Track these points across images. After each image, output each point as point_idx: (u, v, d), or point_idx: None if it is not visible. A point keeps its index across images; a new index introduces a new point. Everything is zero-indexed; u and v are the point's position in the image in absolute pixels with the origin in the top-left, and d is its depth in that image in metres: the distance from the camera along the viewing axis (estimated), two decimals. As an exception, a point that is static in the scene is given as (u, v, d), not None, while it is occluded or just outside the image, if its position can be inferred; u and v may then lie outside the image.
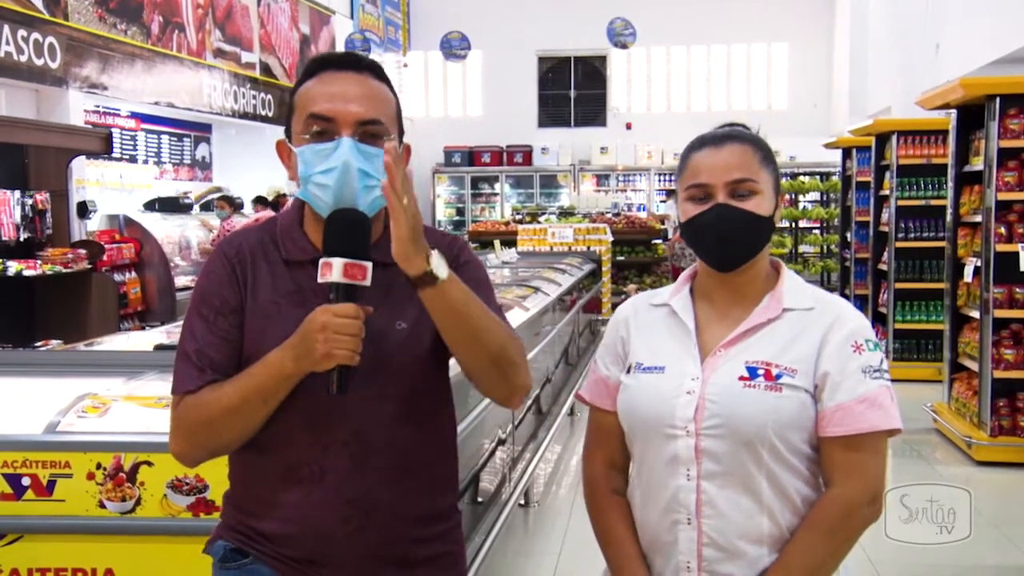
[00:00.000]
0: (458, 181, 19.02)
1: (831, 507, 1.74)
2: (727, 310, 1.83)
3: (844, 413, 1.73)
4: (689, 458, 1.75)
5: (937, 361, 8.14)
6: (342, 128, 1.71)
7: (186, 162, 13.15)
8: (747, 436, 1.72)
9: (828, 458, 1.75)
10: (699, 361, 1.79)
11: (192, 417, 1.72)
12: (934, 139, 8.82)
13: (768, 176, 1.81)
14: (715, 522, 1.74)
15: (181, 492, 2.58)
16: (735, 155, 1.79)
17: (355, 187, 1.69)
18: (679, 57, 18.98)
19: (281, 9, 13.86)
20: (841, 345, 1.76)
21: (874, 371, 1.76)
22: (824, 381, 1.74)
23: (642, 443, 1.83)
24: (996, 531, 5.09)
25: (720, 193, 1.78)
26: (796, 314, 1.80)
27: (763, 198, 1.79)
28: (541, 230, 11.57)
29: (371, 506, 1.74)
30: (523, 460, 5.08)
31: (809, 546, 1.74)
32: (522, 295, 5.88)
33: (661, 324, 1.88)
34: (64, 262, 7.79)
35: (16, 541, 2.64)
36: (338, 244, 1.65)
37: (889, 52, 13.85)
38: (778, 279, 1.85)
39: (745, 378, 1.74)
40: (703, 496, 1.74)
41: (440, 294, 1.63)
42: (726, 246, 1.79)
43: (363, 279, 1.64)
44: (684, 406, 1.76)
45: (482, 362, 1.74)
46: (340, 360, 1.61)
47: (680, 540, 1.77)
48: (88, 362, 3.46)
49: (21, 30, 8.18)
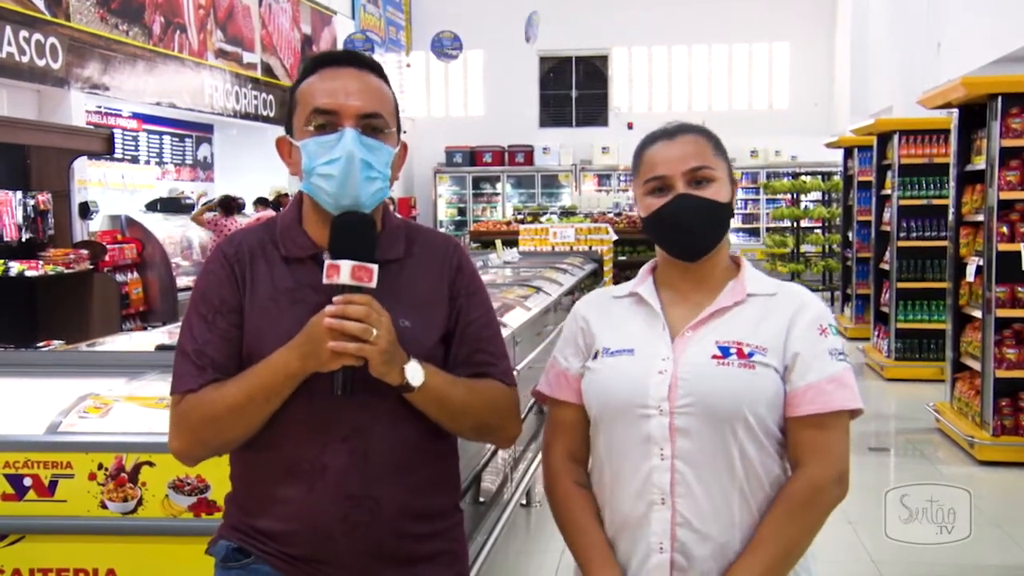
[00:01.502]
0: (460, 181, 19.03)
1: (802, 486, 1.76)
2: (690, 296, 1.86)
3: (816, 392, 1.76)
4: (663, 437, 1.76)
5: (939, 360, 8.13)
6: (344, 120, 1.73)
7: (188, 162, 13.15)
8: (722, 414, 1.74)
9: (796, 437, 1.78)
10: (669, 342, 1.81)
11: (195, 415, 1.73)
12: (936, 138, 8.82)
13: (722, 164, 1.85)
14: (688, 501, 1.75)
15: (183, 492, 2.58)
16: (689, 145, 1.83)
17: (358, 177, 1.71)
18: (680, 56, 19.00)
19: (282, 9, 13.86)
20: (808, 328, 1.79)
21: (839, 353, 1.80)
22: (794, 361, 1.77)
23: (612, 427, 1.83)
24: (998, 531, 5.08)
25: (679, 183, 1.81)
26: (760, 299, 1.84)
27: (720, 185, 1.83)
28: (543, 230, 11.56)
29: (371, 503, 1.74)
30: (525, 460, 5.08)
31: (781, 526, 1.75)
32: (524, 295, 5.88)
33: (626, 311, 1.90)
34: (66, 262, 7.79)
35: (18, 542, 2.64)
36: (345, 246, 1.67)
37: (890, 51, 13.84)
38: (739, 270, 1.89)
39: (718, 356, 1.76)
40: (677, 476, 1.75)
41: (421, 395, 1.71)
42: (691, 235, 1.82)
43: (369, 281, 1.66)
44: (657, 385, 1.77)
45: (465, 433, 1.88)
46: (347, 361, 1.63)
47: (653, 521, 1.77)
48: (90, 362, 3.46)
49: (23, 31, 8.19)
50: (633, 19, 18.18)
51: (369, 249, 1.69)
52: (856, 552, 4.67)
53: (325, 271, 1.66)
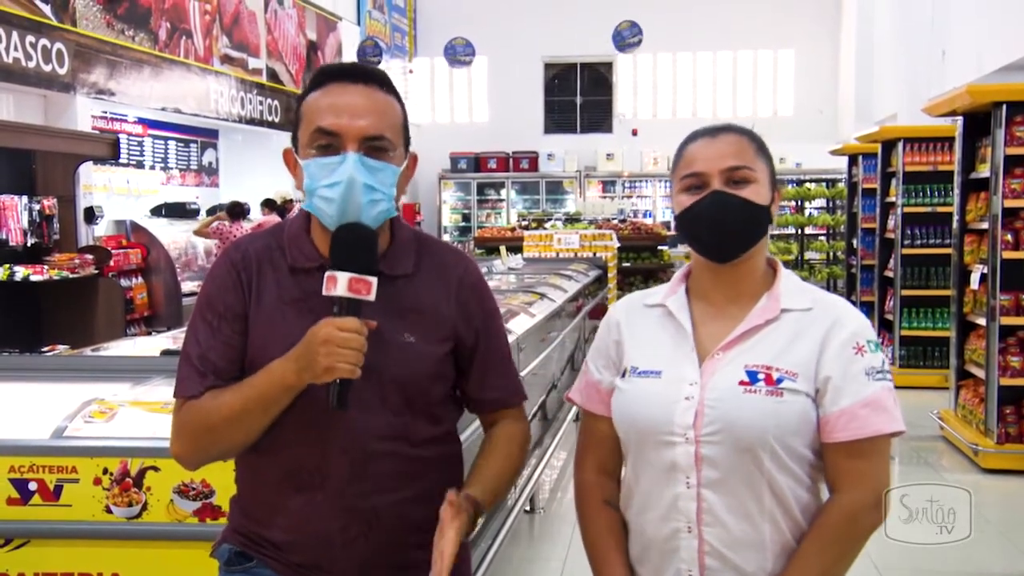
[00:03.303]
0: (464, 187, 19.03)
1: (837, 514, 1.71)
2: (724, 308, 1.79)
3: (848, 418, 1.69)
4: (688, 465, 1.71)
5: (943, 368, 8.12)
6: (347, 143, 1.71)
7: (193, 168, 13.17)
8: (748, 442, 1.68)
9: (832, 464, 1.72)
10: (697, 365, 1.75)
11: (194, 422, 1.74)
12: (940, 146, 8.81)
13: (764, 167, 1.78)
14: (716, 530, 1.71)
15: (187, 497, 2.58)
16: (730, 144, 1.77)
17: (360, 201, 1.70)
18: (685, 63, 19.00)
19: (288, 15, 13.89)
20: (842, 348, 1.72)
21: (876, 372, 1.72)
22: (826, 386, 1.71)
23: (639, 450, 1.79)
24: (1003, 538, 5.07)
25: (715, 181, 1.74)
26: (795, 315, 1.76)
27: (760, 187, 1.76)
28: (547, 236, 11.55)
29: (371, 513, 1.75)
30: (528, 466, 5.08)
31: (817, 555, 1.70)
32: (528, 301, 5.88)
33: (656, 326, 1.83)
34: (71, 267, 7.81)
35: (23, 546, 2.65)
36: (345, 259, 1.67)
37: (895, 59, 13.83)
38: (775, 278, 1.81)
39: (745, 383, 1.70)
40: (703, 504, 1.71)
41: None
42: (723, 235, 1.74)
43: (367, 294, 1.66)
44: (683, 412, 1.72)
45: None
46: (341, 374, 1.63)
47: (681, 548, 1.73)
48: (95, 367, 3.46)
49: (29, 36, 8.21)
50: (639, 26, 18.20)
51: (369, 262, 1.69)
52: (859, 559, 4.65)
53: (324, 283, 1.67)
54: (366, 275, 1.66)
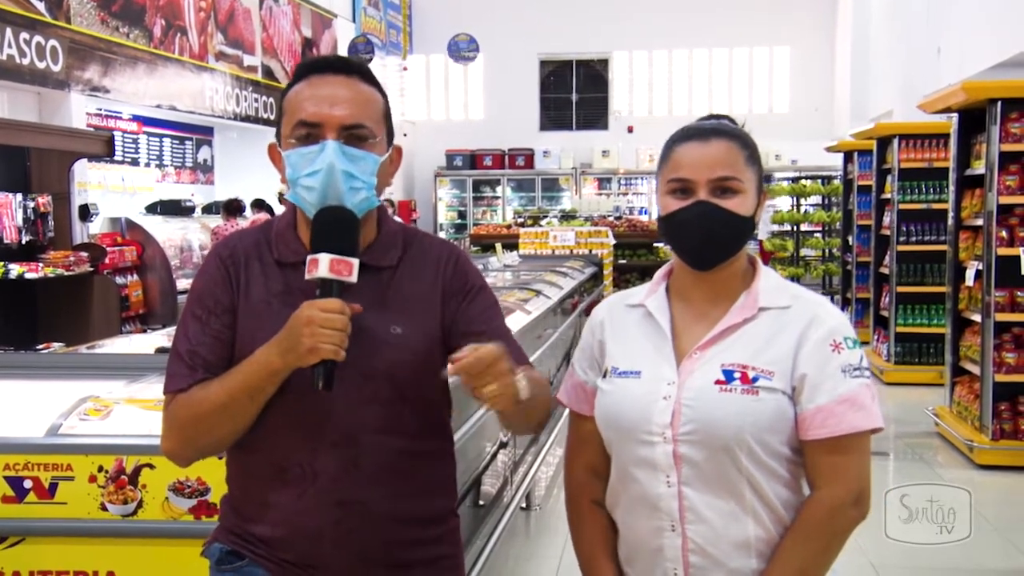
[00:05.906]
0: (460, 184, 19.02)
1: (817, 510, 1.72)
2: (704, 309, 1.80)
3: (825, 415, 1.70)
4: (668, 464, 1.72)
5: (939, 365, 8.13)
6: (327, 132, 1.73)
7: (188, 165, 13.16)
8: (724, 441, 1.69)
9: (811, 461, 1.73)
10: (675, 365, 1.76)
11: (182, 415, 1.74)
12: (935, 143, 8.83)
13: (752, 175, 1.77)
14: (699, 527, 1.72)
15: (183, 495, 2.58)
16: (720, 151, 1.74)
17: (340, 189, 1.71)
18: (681, 60, 19.00)
19: (283, 12, 13.87)
20: (819, 345, 1.72)
21: (854, 369, 1.72)
22: (802, 383, 1.71)
23: (621, 450, 1.80)
24: (998, 535, 5.08)
25: (702, 190, 1.73)
26: (772, 313, 1.76)
27: (746, 197, 1.75)
28: (543, 233, 11.55)
29: (362, 508, 1.74)
30: (524, 463, 5.08)
31: (798, 551, 1.71)
32: (524, 298, 5.88)
33: (636, 326, 1.84)
34: (66, 265, 7.79)
35: (18, 544, 2.64)
36: (325, 241, 1.68)
37: (891, 56, 13.85)
38: (755, 276, 1.81)
39: (721, 381, 1.71)
40: (685, 502, 1.72)
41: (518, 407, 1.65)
42: (704, 245, 1.75)
43: (349, 275, 1.66)
44: (661, 412, 1.73)
45: (528, 430, 1.89)
46: (325, 354, 1.62)
47: (666, 547, 1.75)
48: (90, 365, 3.46)
49: (23, 33, 8.19)
50: (634, 23, 18.19)
51: (350, 243, 1.69)
52: (855, 556, 4.66)
53: (307, 266, 1.67)
54: (348, 256, 1.66)
